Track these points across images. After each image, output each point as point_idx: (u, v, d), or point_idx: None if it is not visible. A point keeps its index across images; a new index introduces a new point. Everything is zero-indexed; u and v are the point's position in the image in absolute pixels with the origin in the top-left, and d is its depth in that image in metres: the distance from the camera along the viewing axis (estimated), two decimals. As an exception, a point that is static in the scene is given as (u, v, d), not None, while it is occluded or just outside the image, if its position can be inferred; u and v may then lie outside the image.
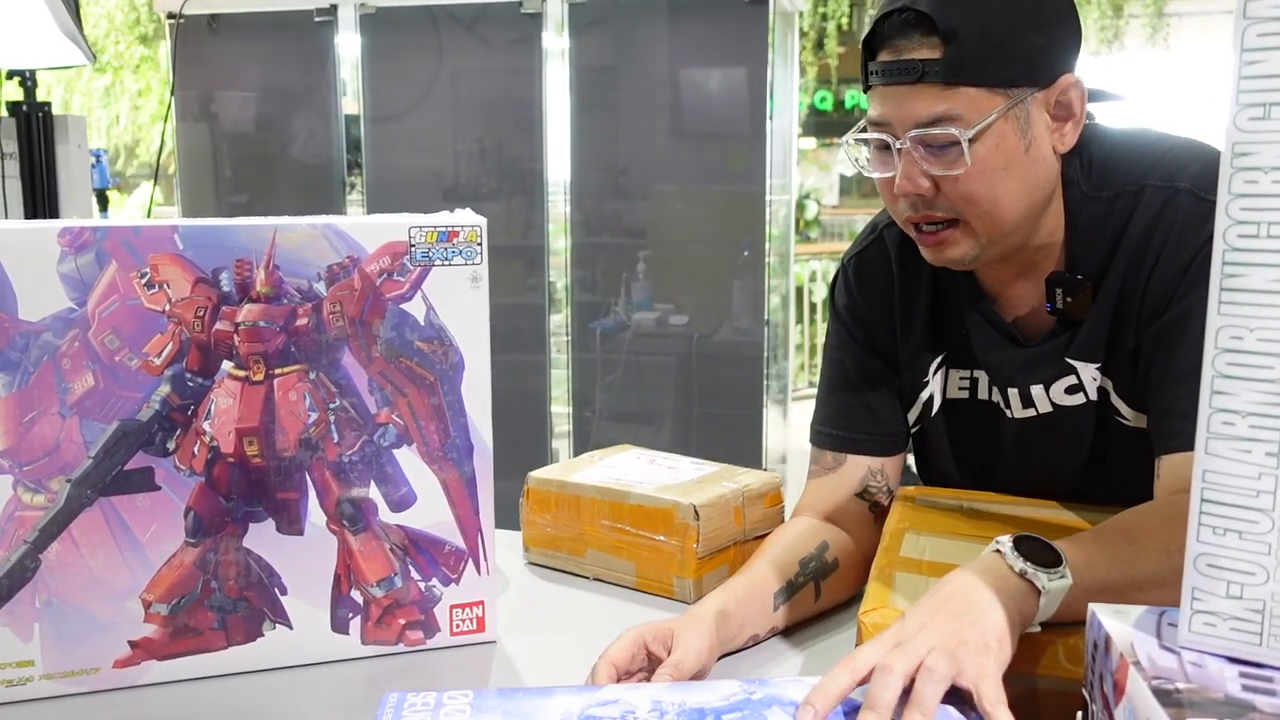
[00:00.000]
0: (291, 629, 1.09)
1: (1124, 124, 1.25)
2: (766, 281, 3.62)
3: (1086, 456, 1.26)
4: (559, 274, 3.73)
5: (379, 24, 3.82)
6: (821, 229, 8.75)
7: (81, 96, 10.65)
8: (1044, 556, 0.92)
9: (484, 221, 1.10)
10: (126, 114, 10.67)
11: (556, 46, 3.67)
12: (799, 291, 6.56)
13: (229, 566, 1.07)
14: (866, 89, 1.16)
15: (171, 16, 3.86)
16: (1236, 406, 0.70)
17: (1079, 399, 1.23)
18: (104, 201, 3.99)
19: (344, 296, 1.06)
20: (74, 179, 3.26)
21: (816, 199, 8.79)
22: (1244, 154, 0.68)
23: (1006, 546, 0.92)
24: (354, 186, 3.97)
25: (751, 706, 0.81)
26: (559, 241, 3.71)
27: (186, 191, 4.08)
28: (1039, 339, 1.24)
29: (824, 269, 6.89)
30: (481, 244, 1.09)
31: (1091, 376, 1.21)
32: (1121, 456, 1.23)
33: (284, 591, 1.09)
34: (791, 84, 3.88)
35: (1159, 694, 0.68)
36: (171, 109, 3.87)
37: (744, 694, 0.83)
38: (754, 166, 3.58)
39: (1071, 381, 1.23)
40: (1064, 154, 1.17)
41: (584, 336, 3.80)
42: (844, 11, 9.49)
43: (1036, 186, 1.16)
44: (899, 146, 1.13)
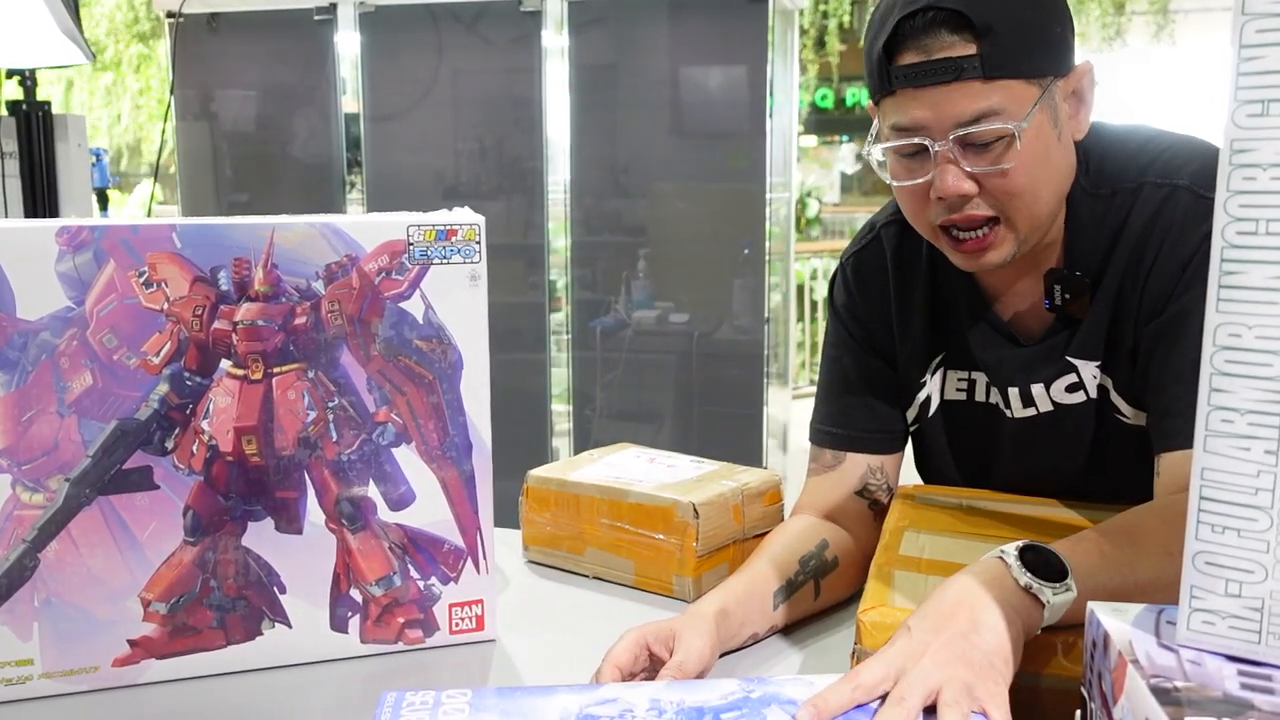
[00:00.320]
0: (290, 628, 1.09)
1: (1122, 122, 1.25)
2: (767, 279, 3.62)
3: (1086, 455, 1.25)
4: (559, 272, 3.73)
5: (378, 22, 3.82)
6: (822, 227, 8.75)
7: (84, 95, 10.65)
8: (1049, 570, 0.91)
9: (482, 220, 1.09)
10: (128, 113, 10.67)
11: (556, 45, 3.67)
12: (800, 289, 6.56)
13: (228, 565, 1.07)
14: (884, 95, 1.13)
15: (171, 15, 3.86)
16: (1235, 404, 0.70)
17: (1079, 397, 1.23)
18: (104, 200, 3.99)
19: (342, 295, 1.06)
20: (74, 178, 3.26)
21: (818, 197, 8.79)
22: (1242, 150, 0.68)
23: (1011, 557, 0.91)
24: (354, 185, 3.97)
25: (750, 705, 0.81)
26: (559, 240, 3.71)
27: (187, 190, 4.08)
28: (1038, 338, 1.24)
29: (825, 267, 6.89)
30: (480, 242, 1.09)
31: (1091, 375, 1.21)
32: (1121, 455, 1.22)
33: (283, 590, 1.09)
34: (791, 82, 3.89)
35: (1157, 692, 0.68)
36: (171, 108, 3.87)
37: (743, 692, 0.82)
38: (754, 165, 3.57)
39: (1072, 380, 1.22)
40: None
41: (584, 335, 3.80)
42: (845, 9, 9.49)
43: (1067, 175, 1.16)
44: (938, 149, 1.10)
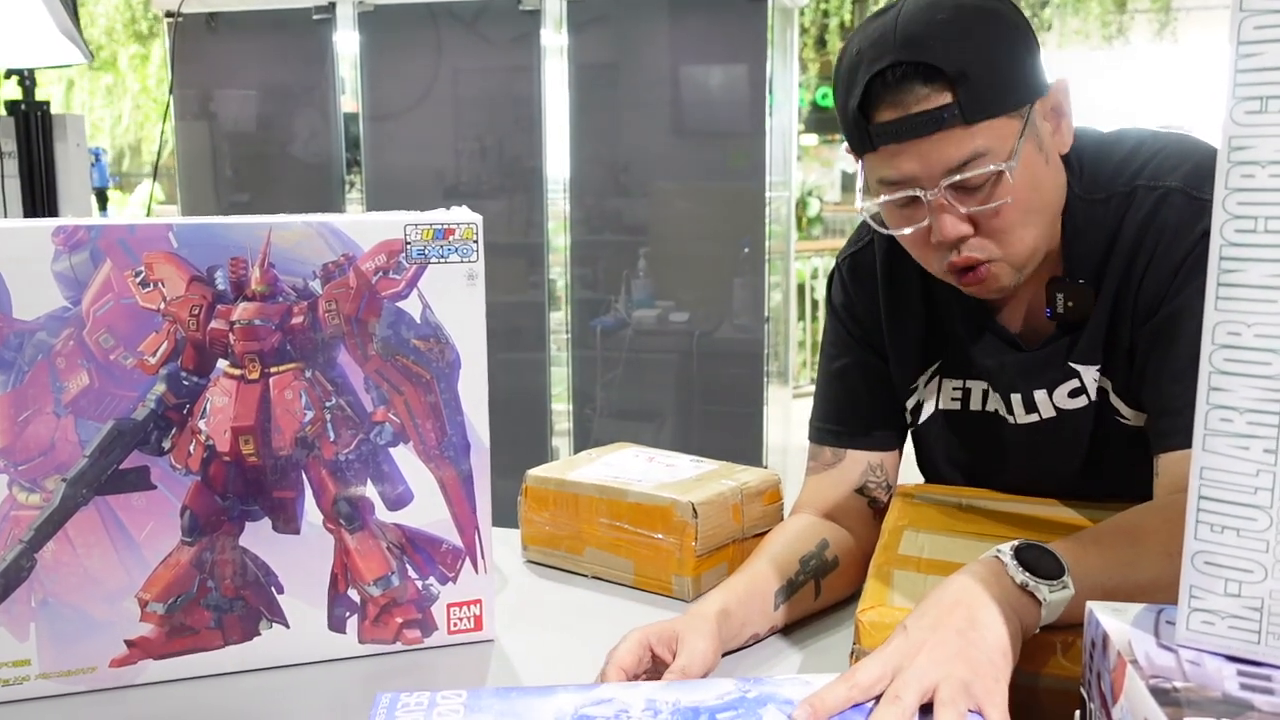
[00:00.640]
0: (288, 628, 1.09)
1: (1123, 121, 1.26)
2: (767, 278, 3.62)
3: (1086, 457, 1.25)
4: (559, 272, 3.73)
5: (377, 21, 3.82)
6: (823, 226, 8.75)
7: (84, 95, 10.64)
8: (1046, 567, 0.91)
9: (479, 219, 1.09)
10: (129, 113, 10.66)
11: (555, 44, 3.66)
12: (800, 288, 6.56)
13: (225, 565, 1.06)
14: (866, 151, 1.13)
15: (170, 15, 3.86)
16: (1234, 403, 0.70)
17: (1081, 402, 1.23)
18: (103, 200, 3.99)
19: (339, 294, 1.06)
20: (73, 178, 3.25)
21: (819, 196, 8.79)
22: (1241, 148, 0.68)
23: (1007, 556, 0.91)
24: (353, 185, 3.97)
25: (746, 705, 0.81)
26: (559, 239, 3.71)
27: (186, 190, 4.08)
28: (1039, 344, 1.23)
29: (825, 265, 6.89)
30: (477, 241, 1.09)
31: (1093, 379, 1.21)
32: (1121, 456, 1.22)
33: (281, 590, 1.08)
34: (791, 80, 3.89)
35: (1156, 693, 0.68)
36: (171, 108, 3.87)
37: (739, 692, 0.82)
38: (754, 163, 3.57)
39: (1074, 385, 1.22)
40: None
41: (584, 334, 3.80)
42: (846, 8, 9.49)
43: (1057, 196, 1.17)
44: (930, 198, 1.10)
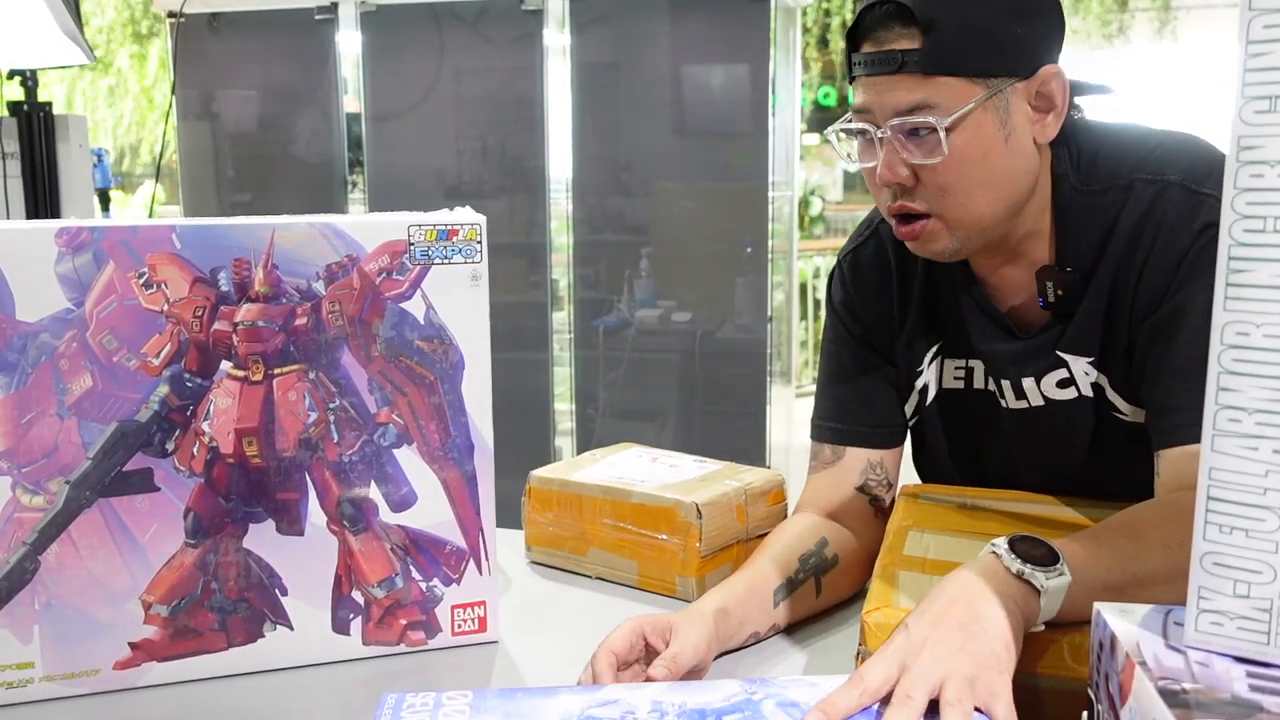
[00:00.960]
0: (292, 630, 1.09)
1: (1114, 119, 1.25)
2: (770, 278, 3.62)
3: (1084, 452, 1.25)
4: (561, 271, 3.73)
5: (380, 21, 3.81)
6: (826, 225, 8.75)
7: (87, 96, 10.64)
8: (1040, 555, 0.91)
9: (483, 220, 1.09)
10: (131, 113, 10.66)
11: (558, 43, 3.66)
12: (803, 288, 6.56)
13: (229, 567, 1.06)
14: (851, 80, 1.17)
15: (172, 15, 3.85)
16: (1243, 403, 0.70)
17: (1070, 393, 1.23)
18: (106, 201, 3.99)
19: (343, 295, 1.05)
20: (75, 179, 3.26)
21: (821, 195, 8.79)
22: (1250, 147, 0.68)
23: (1002, 548, 0.92)
24: (355, 185, 3.96)
25: (752, 707, 0.80)
26: (561, 239, 3.70)
27: (188, 190, 4.07)
28: (1033, 332, 1.24)
29: (827, 265, 6.89)
30: (481, 242, 1.08)
31: (1084, 371, 1.21)
32: (1121, 452, 1.22)
33: (284, 592, 1.08)
34: (794, 80, 3.88)
35: (1165, 694, 0.68)
36: (173, 108, 3.86)
37: (745, 694, 0.82)
38: (756, 163, 3.57)
39: (1062, 375, 1.22)
40: (1054, 147, 1.18)
41: (587, 334, 3.79)
42: (848, 7, 9.49)
43: (1015, 178, 1.16)
44: (880, 135, 1.13)
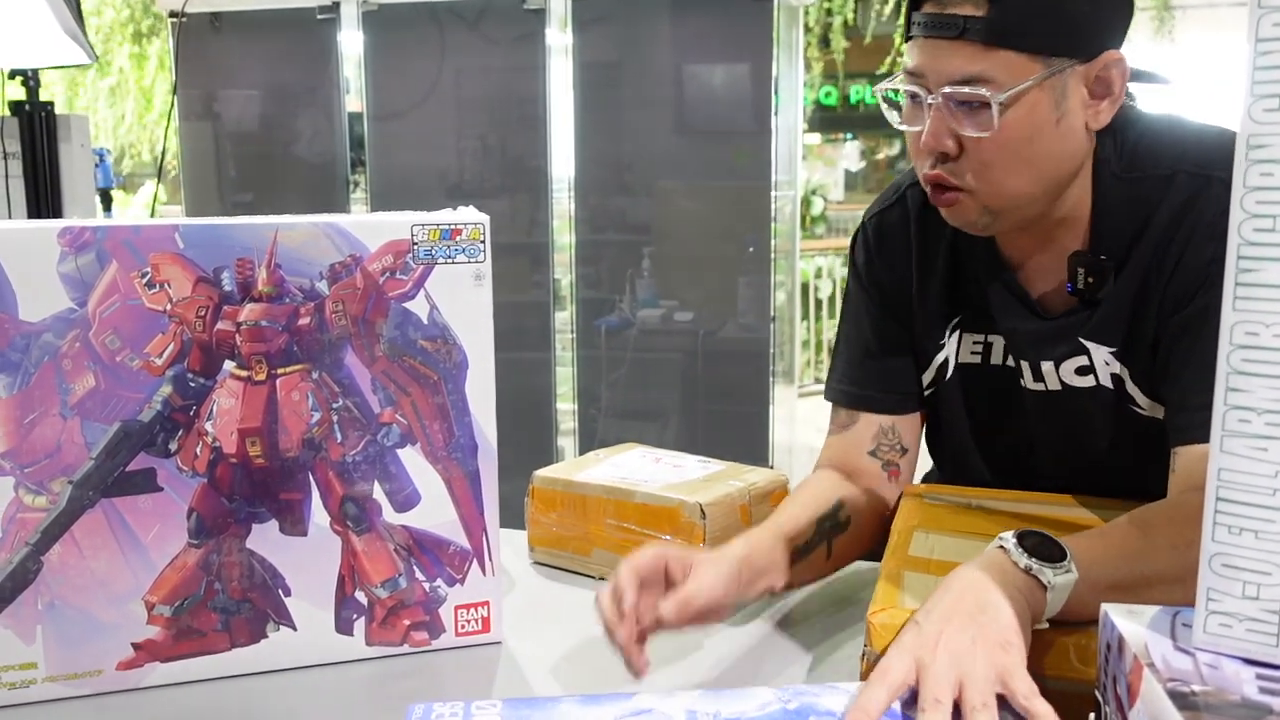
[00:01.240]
0: (295, 630, 1.08)
1: (1162, 110, 1.23)
2: (772, 277, 3.61)
3: (1099, 443, 1.25)
4: (564, 271, 3.72)
5: (381, 21, 3.81)
6: (827, 224, 8.75)
7: (86, 95, 10.62)
8: (1048, 551, 0.92)
9: (487, 219, 1.09)
10: (131, 113, 10.65)
11: (560, 43, 3.65)
12: (804, 287, 6.56)
13: (232, 568, 1.06)
14: (908, 38, 1.14)
15: (174, 15, 3.85)
16: (1252, 404, 0.69)
17: (1088, 381, 1.22)
18: (107, 201, 3.98)
19: (346, 295, 1.05)
20: (77, 178, 3.26)
21: (822, 195, 8.79)
22: (1259, 146, 0.67)
23: (1010, 543, 0.92)
24: (357, 185, 3.96)
25: (787, 716, 0.80)
26: (564, 238, 3.70)
27: (190, 190, 4.07)
28: (1057, 315, 1.23)
29: (829, 264, 6.89)
30: (485, 242, 1.08)
31: (1104, 360, 1.20)
32: (1136, 447, 1.21)
33: (288, 593, 1.08)
34: (796, 79, 3.87)
35: (1174, 696, 0.67)
36: (175, 108, 3.86)
37: (779, 703, 0.81)
38: (759, 162, 3.56)
39: (1082, 362, 1.21)
40: (1099, 132, 1.15)
41: (589, 334, 3.79)
42: (849, 7, 9.48)
43: (1059, 161, 1.14)
44: (930, 101, 1.11)
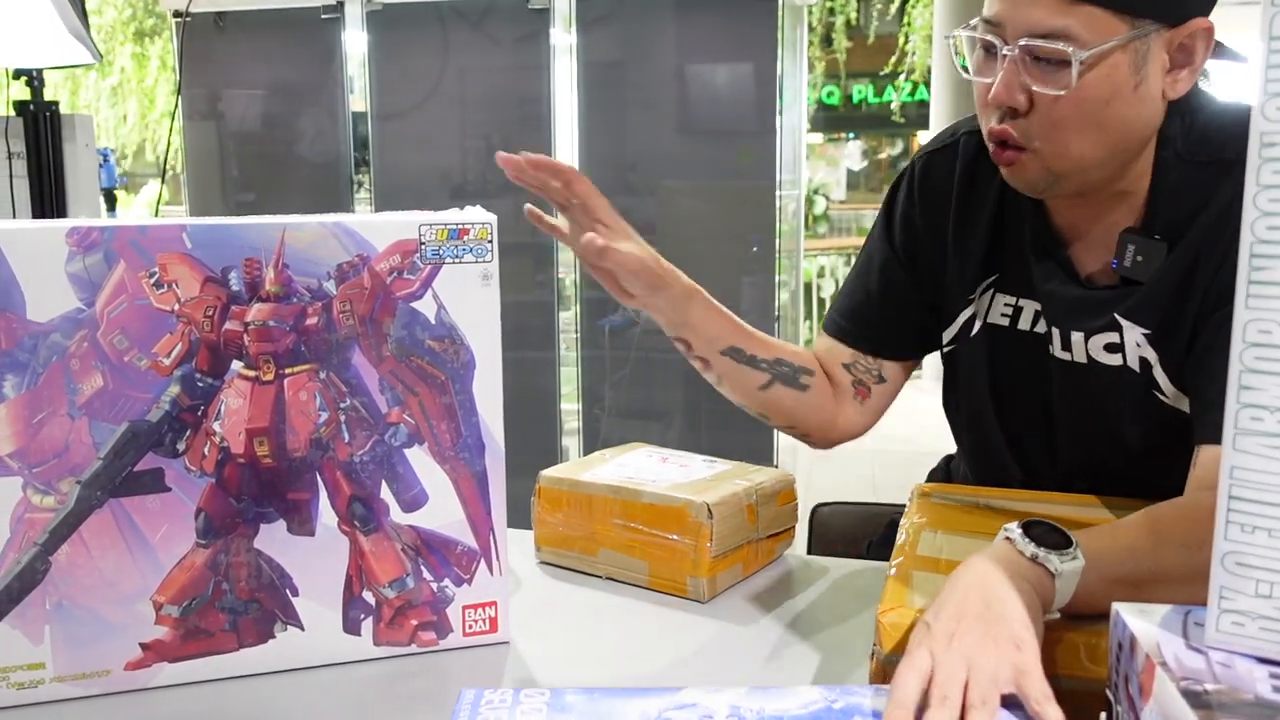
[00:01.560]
0: (303, 630, 1.08)
1: (1231, 95, 1.21)
2: (776, 277, 3.62)
3: (1120, 427, 1.23)
4: (568, 271, 3.73)
5: (385, 21, 3.81)
6: (829, 224, 8.75)
7: (90, 96, 10.64)
8: (1054, 539, 0.92)
9: (494, 219, 1.09)
10: (134, 113, 10.66)
11: (564, 42, 3.66)
12: (807, 287, 6.56)
13: (240, 568, 1.06)
14: None
15: (178, 15, 3.85)
16: (1265, 402, 0.69)
17: (1115, 359, 1.20)
18: (111, 201, 3.99)
19: (354, 295, 1.05)
20: (81, 178, 3.26)
21: (824, 194, 8.80)
22: (1272, 144, 0.67)
23: (1016, 533, 0.92)
24: (361, 184, 3.96)
25: (832, 716, 0.80)
26: (568, 238, 3.69)
27: (194, 190, 4.08)
28: (1096, 286, 1.21)
29: (832, 264, 6.89)
30: (492, 241, 1.08)
31: (1136, 341, 1.18)
32: (1156, 435, 1.20)
33: (295, 593, 1.08)
34: (800, 79, 3.88)
35: (1188, 695, 0.67)
36: (179, 107, 3.86)
37: (824, 702, 0.81)
38: (764, 161, 3.57)
39: (1113, 339, 1.19)
40: (1168, 109, 1.13)
41: (593, 333, 3.79)
42: (851, 6, 9.48)
43: (1132, 128, 1.11)
44: (1005, 53, 1.08)
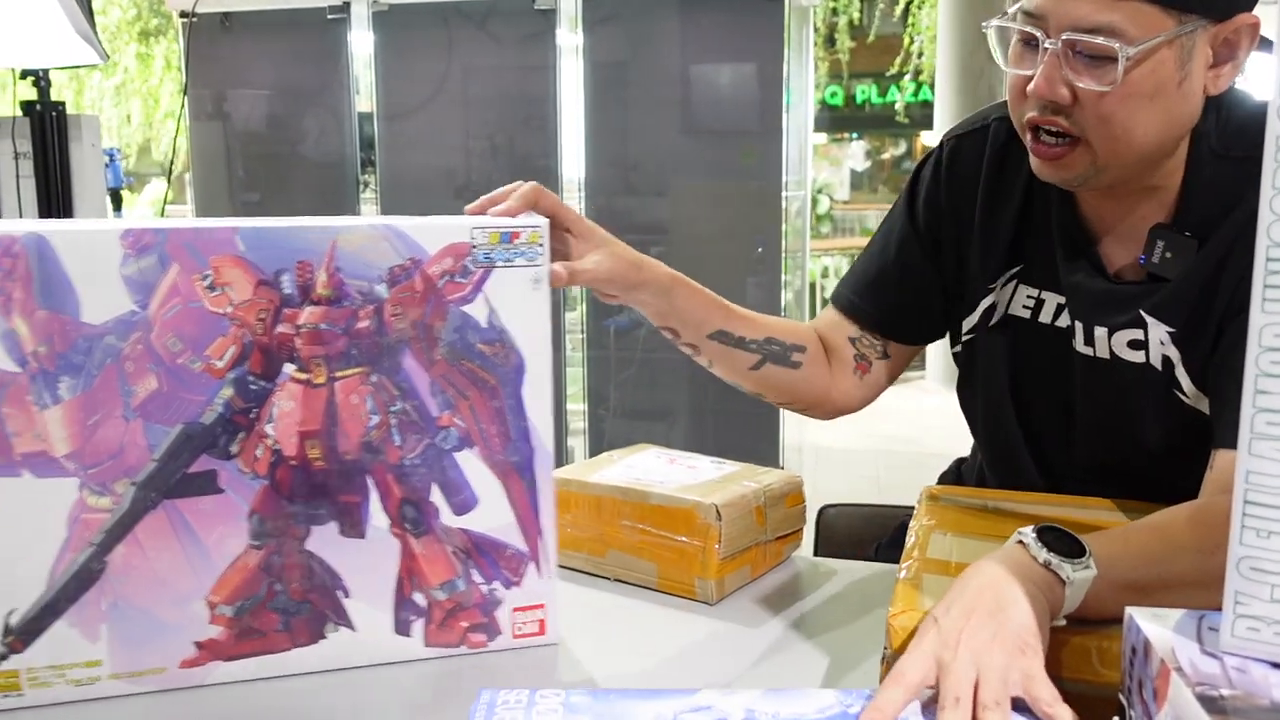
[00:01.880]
0: (354, 631, 1.09)
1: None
2: (781, 277, 3.63)
3: (1138, 425, 1.23)
4: (574, 271, 3.73)
5: (392, 21, 3.82)
6: (833, 224, 8.77)
7: (93, 95, 10.61)
8: (1067, 546, 0.92)
9: (546, 222, 1.09)
10: (138, 112, 10.64)
11: (570, 43, 3.66)
12: (811, 287, 6.57)
13: (293, 569, 1.07)
14: None
15: (184, 15, 3.86)
16: None
17: (1138, 357, 1.19)
18: (117, 201, 3.98)
19: (405, 299, 1.06)
20: (87, 178, 3.26)
21: (828, 194, 8.81)
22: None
23: (1029, 537, 0.92)
24: (367, 185, 3.96)
25: (846, 719, 0.80)
26: (574, 239, 3.70)
27: (199, 190, 4.08)
28: (1123, 281, 1.20)
29: (836, 265, 6.91)
30: (543, 245, 1.09)
31: (1160, 339, 1.17)
32: (1174, 435, 1.20)
33: (347, 594, 1.08)
34: (806, 79, 3.88)
35: (1204, 700, 0.67)
36: (185, 107, 3.86)
37: (840, 706, 0.82)
38: (770, 161, 3.58)
39: (1137, 336, 1.18)
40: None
41: (598, 334, 3.80)
42: (855, 6, 9.49)
43: (1175, 124, 1.10)
44: (1047, 46, 1.06)
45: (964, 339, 1.36)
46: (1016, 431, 1.36)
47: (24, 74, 3.11)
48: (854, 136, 11.61)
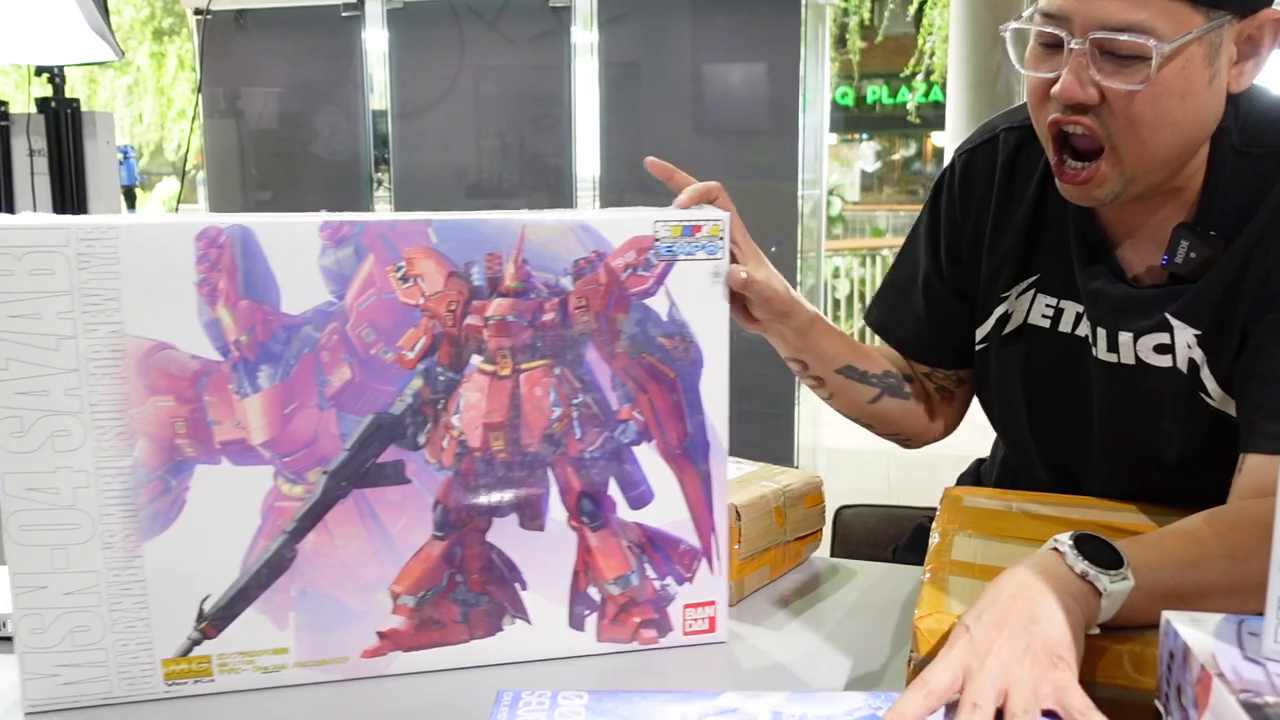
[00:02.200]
0: (530, 624, 1.09)
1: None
2: (797, 276, 3.65)
3: (1161, 429, 1.20)
4: (595, 270, 3.73)
5: (406, 19, 3.82)
6: (845, 225, 8.81)
7: (106, 93, 10.49)
8: (1105, 557, 0.89)
9: (727, 215, 1.10)
10: (150, 111, 10.53)
11: (585, 41, 3.67)
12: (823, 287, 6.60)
13: (473, 560, 1.07)
14: None
15: (199, 13, 3.83)
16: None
17: (1165, 361, 1.16)
18: (131, 198, 3.95)
19: (590, 291, 1.06)
20: (102, 175, 3.24)
21: (839, 195, 8.85)
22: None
23: (1066, 546, 0.89)
24: (380, 182, 3.95)
25: None
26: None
27: (213, 187, 4.05)
28: (1145, 285, 1.17)
29: (847, 265, 6.94)
30: (723, 239, 1.10)
31: (1186, 342, 1.14)
32: (1197, 438, 1.18)
33: (524, 586, 1.09)
34: (822, 78, 3.91)
35: (1249, 708, 0.66)
36: (199, 105, 3.83)
37: (869, 709, 0.82)
38: (785, 161, 3.60)
39: (1163, 340, 1.15)
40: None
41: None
42: (865, 7, 9.54)
43: (1203, 123, 1.08)
44: (1073, 46, 1.03)
45: (978, 347, 1.35)
46: (1031, 443, 1.35)
47: (39, 71, 3.09)
48: (864, 137, 11.67)
